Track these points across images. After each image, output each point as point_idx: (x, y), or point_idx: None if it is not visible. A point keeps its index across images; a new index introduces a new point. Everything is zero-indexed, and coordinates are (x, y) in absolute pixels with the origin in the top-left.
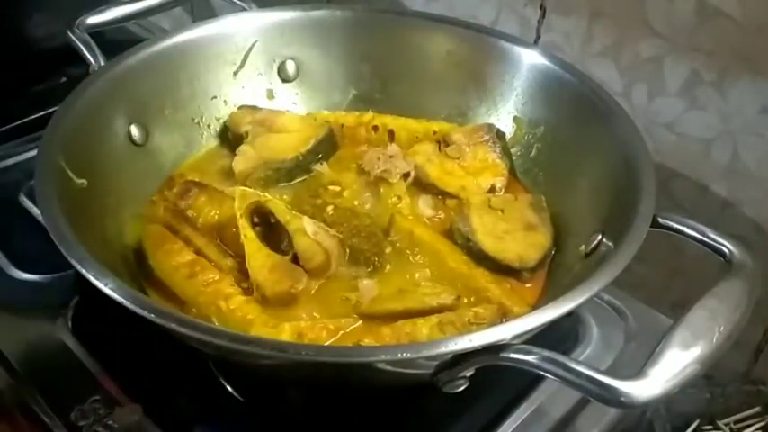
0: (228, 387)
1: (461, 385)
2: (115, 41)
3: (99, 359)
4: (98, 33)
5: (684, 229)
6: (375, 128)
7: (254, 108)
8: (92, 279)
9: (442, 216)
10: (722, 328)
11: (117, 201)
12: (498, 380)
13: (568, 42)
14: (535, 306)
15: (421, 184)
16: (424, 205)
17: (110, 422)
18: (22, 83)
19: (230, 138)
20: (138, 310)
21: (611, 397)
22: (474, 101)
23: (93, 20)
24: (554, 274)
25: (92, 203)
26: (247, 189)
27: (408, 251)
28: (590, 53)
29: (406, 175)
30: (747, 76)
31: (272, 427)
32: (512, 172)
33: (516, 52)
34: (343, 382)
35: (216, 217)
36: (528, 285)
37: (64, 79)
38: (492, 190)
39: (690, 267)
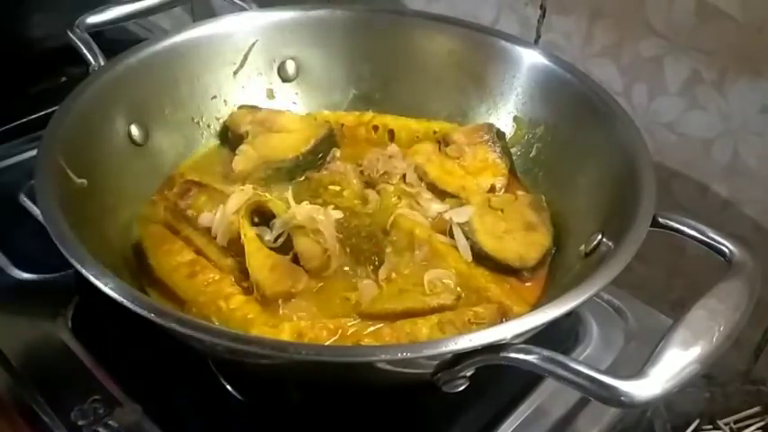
0: (228, 387)
1: (461, 385)
2: (115, 41)
3: (99, 359)
4: (98, 33)
5: (684, 228)
6: (375, 128)
7: (254, 108)
8: (92, 279)
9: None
10: (722, 328)
11: (117, 201)
12: (498, 380)
13: (569, 42)
14: (535, 306)
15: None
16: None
17: (110, 422)
18: (22, 83)
19: (230, 137)
20: (138, 310)
21: (611, 397)
22: (474, 101)
23: (93, 20)
24: (554, 273)
25: (92, 203)
26: (248, 188)
27: (408, 251)
28: (590, 53)
29: (405, 176)
30: (747, 76)
31: (272, 427)
32: (512, 172)
33: (516, 52)
34: (343, 381)
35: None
36: (528, 285)
37: (64, 79)
38: (492, 190)
39: (690, 267)
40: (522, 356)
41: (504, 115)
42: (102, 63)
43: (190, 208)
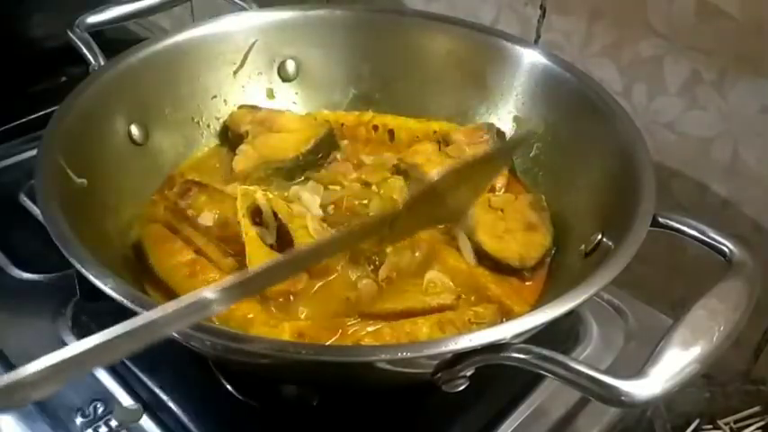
0: (228, 387)
1: (461, 385)
2: (115, 41)
3: None
4: (98, 33)
5: (684, 228)
6: (375, 127)
7: (254, 107)
8: (92, 279)
9: None
10: (722, 328)
11: (117, 200)
12: (498, 380)
13: (568, 42)
14: (535, 305)
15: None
16: None
17: (110, 422)
18: (22, 83)
19: (230, 137)
20: (139, 310)
21: (611, 396)
22: (474, 100)
23: (93, 19)
24: (554, 273)
25: (92, 203)
26: (249, 188)
27: (408, 251)
28: (590, 53)
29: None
30: (747, 76)
31: (272, 427)
32: (512, 171)
33: (516, 52)
34: (343, 381)
35: (216, 216)
36: (528, 285)
37: (64, 79)
38: (492, 189)
39: (690, 267)
40: (522, 356)
41: (504, 115)
42: (102, 63)
43: (190, 208)
